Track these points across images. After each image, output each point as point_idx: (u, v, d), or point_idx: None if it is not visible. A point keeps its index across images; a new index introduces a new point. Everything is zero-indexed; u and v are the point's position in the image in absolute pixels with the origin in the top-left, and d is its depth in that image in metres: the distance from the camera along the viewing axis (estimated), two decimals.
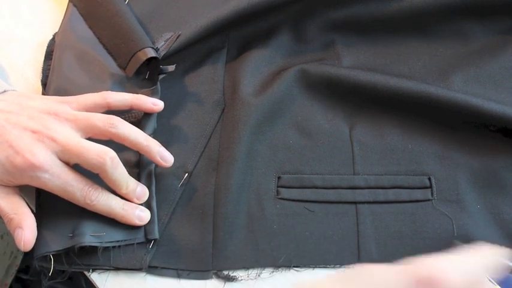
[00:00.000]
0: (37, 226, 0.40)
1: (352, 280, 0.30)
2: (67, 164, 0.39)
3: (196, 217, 0.44)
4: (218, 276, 0.42)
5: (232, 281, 0.42)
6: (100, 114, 0.41)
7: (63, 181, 0.38)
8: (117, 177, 0.40)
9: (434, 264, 0.30)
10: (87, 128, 0.40)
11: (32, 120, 0.39)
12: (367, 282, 0.30)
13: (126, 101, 0.44)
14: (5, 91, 0.42)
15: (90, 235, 0.40)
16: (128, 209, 0.41)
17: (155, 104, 0.45)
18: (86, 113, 0.41)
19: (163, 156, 0.43)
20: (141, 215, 0.41)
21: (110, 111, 0.43)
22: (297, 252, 0.42)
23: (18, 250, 0.68)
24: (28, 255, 0.68)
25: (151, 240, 0.42)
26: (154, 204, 0.43)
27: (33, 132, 0.38)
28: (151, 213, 0.42)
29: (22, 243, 0.38)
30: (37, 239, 0.39)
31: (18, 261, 0.69)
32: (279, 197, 0.44)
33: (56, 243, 0.39)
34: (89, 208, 0.40)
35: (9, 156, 0.37)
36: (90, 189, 0.39)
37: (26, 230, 0.38)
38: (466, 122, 0.46)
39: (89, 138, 0.41)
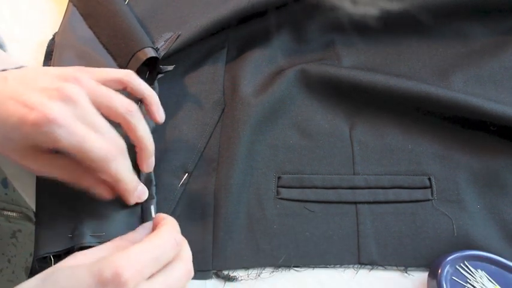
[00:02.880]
0: (37, 227, 0.40)
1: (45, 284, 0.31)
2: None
3: (196, 217, 0.44)
4: (218, 276, 0.42)
5: (232, 280, 0.42)
6: (122, 96, 0.39)
7: (80, 137, 0.35)
8: (142, 133, 0.39)
9: (115, 262, 0.30)
10: (103, 103, 0.38)
11: (50, 83, 0.37)
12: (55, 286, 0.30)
13: (141, 94, 0.42)
14: (21, 66, 0.41)
15: (90, 235, 0.40)
16: (135, 180, 0.40)
17: (160, 116, 0.44)
18: (108, 89, 0.39)
19: (150, 163, 0.42)
20: (141, 191, 0.41)
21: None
22: (297, 252, 0.42)
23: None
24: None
25: None
26: (154, 204, 0.43)
27: (52, 90, 0.36)
28: (151, 213, 0.42)
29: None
30: (37, 239, 0.39)
31: None
32: (279, 197, 0.45)
33: (56, 243, 0.39)
34: (101, 169, 0.37)
35: (23, 115, 0.35)
36: (110, 146, 0.37)
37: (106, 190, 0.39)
38: (466, 122, 0.46)
39: None
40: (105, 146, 0.36)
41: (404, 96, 0.46)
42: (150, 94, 0.42)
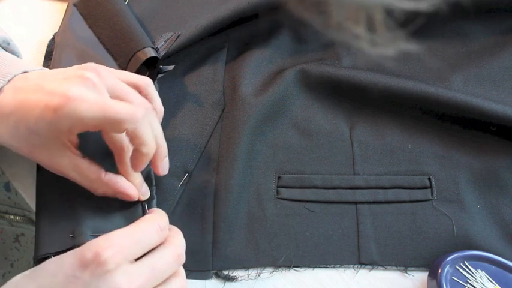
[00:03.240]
0: (37, 227, 0.40)
1: (38, 274, 0.32)
2: None
3: (196, 217, 0.44)
4: (218, 276, 0.42)
5: (232, 281, 0.42)
6: (138, 95, 0.39)
7: (101, 103, 0.35)
8: (157, 132, 0.39)
9: (95, 244, 0.32)
10: (120, 98, 0.38)
11: (71, 73, 0.37)
12: (44, 274, 0.32)
13: (153, 105, 0.41)
14: (42, 69, 0.41)
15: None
16: (154, 146, 0.39)
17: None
18: (125, 85, 0.39)
19: (165, 164, 0.42)
20: (144, 191, 0.42)
21: None
22: (297, 252, 0.42)
23: None
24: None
25: None
26: (154, 204, 0.43)
27: (72, 77, 0.36)
28: (146, 209, 0.42)
29: (135, 198, 0.40)
30: (38, 240, 0.39)
31: None
32: (279, 197, 0.44)
33: (57, 244, 0.39)
34: (131, 133, 0.37)
35: (46, 103, 0.35)
36: (135, 107, 0.36)
37: (126, 191, 0.39)
38: (466, 122, 0.46)
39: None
40: (130, 107, 0.36)
41: (404, 96, 0.46)
42: (161, 110, 0.42)
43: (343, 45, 0.52)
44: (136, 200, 0.41)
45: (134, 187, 0.40)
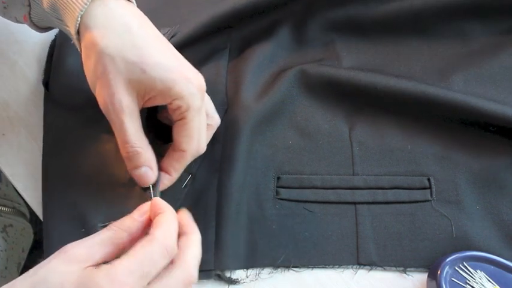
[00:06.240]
0: (47, 228, 0.40)
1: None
2: None
3: (199, 217, 0.44)
4: (220, 278, 0.42)
5: (234, 283, 0.42)
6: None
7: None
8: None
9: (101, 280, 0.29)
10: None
11: (185, 64, 0.42)
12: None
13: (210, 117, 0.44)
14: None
15: (100, 225, 0.40)
16: None
17: None
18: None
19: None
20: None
21: None
22: (296, 252, 0.42)
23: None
24: (32, 253, 0.68)
25: None
26: (157, 188, 0.43)
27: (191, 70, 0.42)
28: (151, 193, 0.42)
29: (149, 183, 0.40)
30: (48, 240, 0.39)
31: None
32: (278, 197, 0.45)
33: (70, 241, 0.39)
34: None
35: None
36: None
37: (155, 171, 0.40)
38: (465, 122, 0.46)
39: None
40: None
41: (404, 96, 0.46)
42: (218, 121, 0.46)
43: (343, 44, 0.52)
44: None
45: (154, 176, 0.40)
